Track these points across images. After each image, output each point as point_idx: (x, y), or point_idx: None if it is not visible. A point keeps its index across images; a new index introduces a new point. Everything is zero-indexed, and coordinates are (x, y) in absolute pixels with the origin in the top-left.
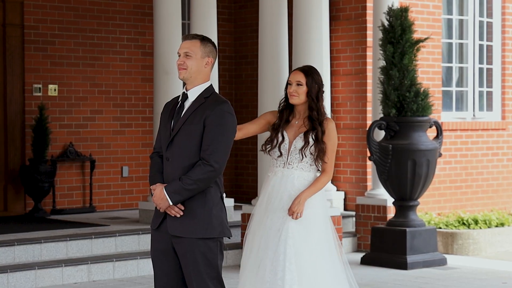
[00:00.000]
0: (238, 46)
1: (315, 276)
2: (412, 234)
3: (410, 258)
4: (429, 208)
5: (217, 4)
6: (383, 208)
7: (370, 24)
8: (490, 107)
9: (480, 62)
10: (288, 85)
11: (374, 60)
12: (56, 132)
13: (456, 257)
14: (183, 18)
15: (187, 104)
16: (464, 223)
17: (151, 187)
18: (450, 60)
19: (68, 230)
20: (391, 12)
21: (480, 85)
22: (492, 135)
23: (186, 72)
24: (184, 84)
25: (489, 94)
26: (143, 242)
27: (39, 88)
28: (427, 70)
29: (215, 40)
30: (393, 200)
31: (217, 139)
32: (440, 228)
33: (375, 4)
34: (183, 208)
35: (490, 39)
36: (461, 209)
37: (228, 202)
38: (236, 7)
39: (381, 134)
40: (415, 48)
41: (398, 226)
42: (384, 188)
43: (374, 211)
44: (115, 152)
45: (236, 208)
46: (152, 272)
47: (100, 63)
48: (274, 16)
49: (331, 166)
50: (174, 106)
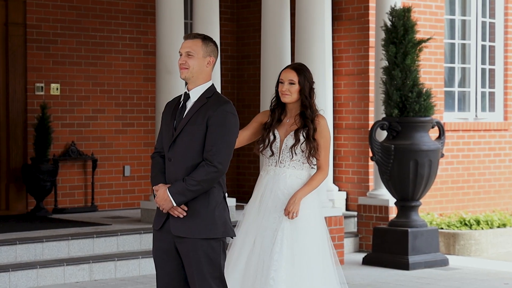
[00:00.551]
0: (240, 45)
1: (309, 276)
2: (414, 234)
3: (412, 259)
4: (431, 209)
5: (219, 4)
6: (385, 209)
7: (372, 24)
8: (492, 108)
9: (483, 62)
10: (279, 83)
11: (376, 60)
12: (58, 131)
13: (458, 257)
14: (185, 17)
15: (189, 104)
16: (466, 224)
17: (153, 187)
18: (452, 60)
19: (69, 229)
20: (393, 12)
21: (483, 85)
22: (494, 136)
23: (187, 72)
24: (186, 83)
25: (491, 94)
26: (145, 241)
27: (41, 87)
28: (430, 70)
29: (217, 39)
30: (395, 200)
31: (220, 139)
32: (442, 228)
33: (377, 4)
34: (186, 209)
35: (492, 39)
36: (463, 209)
37: (230, 202)
38: (239, 6)
39: (383, 134)
40: (418, 48)
41: (400, 226)
42: (386, 188)
43: (376, 212)
44: (117, 151)
45: (237, 207)
46: (153, 272)
47: (102, 62)
48: (277, 15)
49: (326, 163)
50: (176, 106)
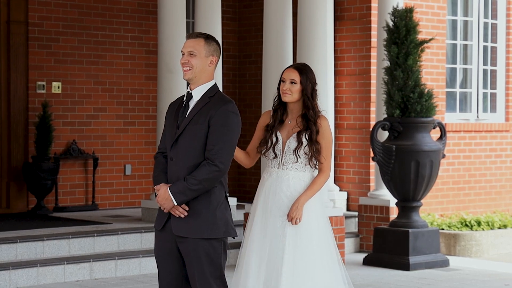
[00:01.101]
0: (242, 45)
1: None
2: (414, 235)
3: (413, 259)
4: (432, 209)
5: (221, 3)
6: (386, 209)
7: (374, 25)
8: (494, 109)
9: (484, 63)
10: (281, 82)
11: (378, 61)
12: (59, 129)
13: (458, 258)
14: (187, 16)
15: (191, 104)
16: (466, 225)
17: (155, 187)
18: (454, 61)
19: (70, 228)
20: (395, 12)
21: (484, 86)
22: (496, 137)
23: (190, 73)
24: (187, 82)
25: (493, 95)
26: (145, 240)
27: (43, 85)
28: (431, 71)
29: (219, 39)
30: (396, 200)
31: (222, 139)
32: (442, 229)
33: (380, 5)
34: (187, 208)
35: (494, 40)
36: (464, 210)
37: (231, 201)
38: (241, 6)
39: (384, 135)
40: (420, 49)
41: (400, 227)
42: (387, 188)
43: (377, 212)
44: (118, 150)
45: (238, 207)
46: (154, 271)
47: (104, 61)
48: (279, 15)
49: (328, 165)
50: (179, 106)
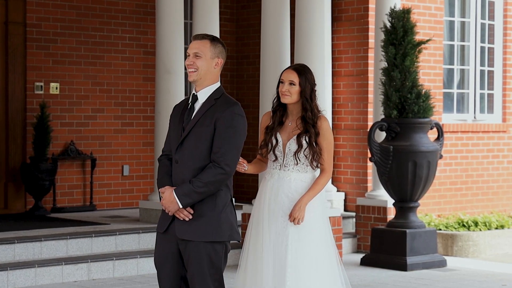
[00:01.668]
0: (240, 46)
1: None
2: (412, 235)
3: (410, 260)
4: (429, 210)
5: (219, 4)
6: (383, 209)
7: (372, 26)
8: (491, 109)
9: (482, 64)
10: (280, 83)
11: (375, 61)
12: (57, 130)
13: (455, 259)
14: (185, 17)
15: (197, 106)
16: (464, 225)
17: (159, 190)
18: (451, 62)
19: (68, 229)
20: (393, 13)
21: (481, 87)
22: (493, 137)
23: (196, 74)
24: (186, 83)
25: (490, 96)
26: (143, 241)
27: (41, 86)
28: (429, 71)
29: None
30: (393, 201)
31: (227, 141)
32: (440, 229)
33: (377, 6)
34: (192, 211)
35: (491, 41)
36: (461, 211)
37: None
38: (238, 7)
39: (382, 135)
40: (417, 49)
41: (398, 227)
42: (385, 189)
43: (374, 212)
44: (116, 150)
45: (236, 208)
46: (152, 271)
47: (102, 62)
48: (276, 16)
49: (329, 166)
50: (184, 108)
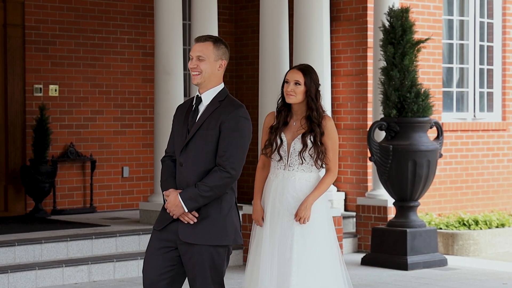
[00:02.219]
0: (239, 46)
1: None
2: (412, 234)
3: (411, 259)
4: (429, 209)
5: (218, 5)
6: (383, 209)
7: (370, 25)
8: (490, 108)
9: (481, 63)
10: (285, 83)
11: (374, 61)
12: (57, 132)
13: (456, 257)
14: (183, 18)
15: (201, 108)
16: (464, 224)
17: (164, 193)
18: (450, 61)
19: (68, 231)
20: (391, 12)
21: (481, 86)
22: (493, 136)
23: (200, 77)
24: (185, 84)
25: (489, 95)
26: (144, 242)
27: (40, 88)
28: (428, 71)
29: None
30: (393, 200)
31: (233, 145)
32: (440, 228)
33: (375, 5)
34: (197, 215)
35: (490, 40)
36: (461, 209)
37: None
38: (237, 7)
39: (381, 135)
40: (416, 48)
41: (398, 226)
42: (385, 188)
43: (375, 212)
44: (116, 152)
45: None
46: None
47: (101, 64)
48: (275, 16)
49: (335, 165)
50: (188, 109)
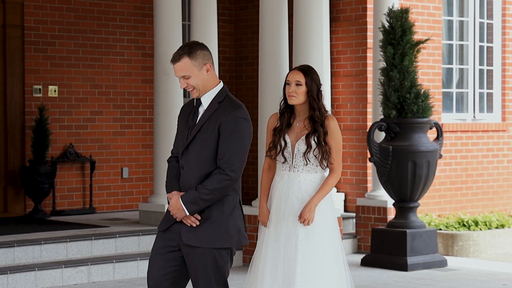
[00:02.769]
0: (239, 47)
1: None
2: (412, 235)
3: (410, 260)
4: (429, 210)
5: (217, 5)
6: (383, 210)
7: (370, 26)
8: (490, 109)
9: (481, 63)
10: (286, 84)
11: (374, 62)
12: (56, 133)
13: (456, 258)
14: (183, 19)
15: (201, 110)
16: (464, 225)
17: (167, 195)
18: (450, 61)
19: (68, 231)
20: (391, 13)
21: (481, 86)
22: (493, 137)
23: (197, 91)
24: None
25: (489, 95)
26: (143, 243)
27: (39, 89)
28: (428, 71)
29: (215, 41)
30: (393, 201)
31: (232, 147)
32: (440, 229)
33: (375, 6)
34: (199, 218)
35: (490, 40)
36: (461, 210)
37: None
38: (237, 8)
39: (381, 136)
40: (416, 49)
41: (398, 227)
42: (385, 189)
43: (375, 213)
44: (115, 153)
45: None
46: None
47: (100, 64)
48: (275, 17)
49: (339, 165)
50: (190, 111)
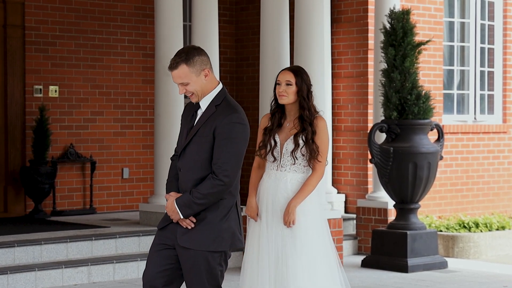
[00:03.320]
0: (239, 48)
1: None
2: (413, 237)
3: (411, 261)
4: (430, 211)
5: (218, 6)
6: (384, 211)
7: (371, 27)
8: (491, 110)
9: (482, 65)
10: (277, 84)
11: (375, 63)
12: (57, 133)
13: (456, 260)
14: (184, 19)
15: (199, 113)
16: (465, 226)
17: (164, 196)
18: (451, 63)
19: (68, 232)
20: (392, 14)
21: (482, 88)
22: (493, 138)
23: (195, 97)
24: None
25: (490, 97)
26: (144, 243)
27: (40, 89)
28: (429, 73)
29: (216, 42)
30: (394, 203)
31: (226, 152)
32: (440, 231)
33: (376, 7)
34: (194, 220)
35: (491, 42)
36: (462, 212)
37: None
38: (238, 9)
39: (382, 137)
40: (417, 50)
41: (399, 229)
42: (385, 190)
43: (375, 214)
44: (116, 153)
45: None
46: None
47: (101, 65)
48: (276, 18)
49: (321, 165)
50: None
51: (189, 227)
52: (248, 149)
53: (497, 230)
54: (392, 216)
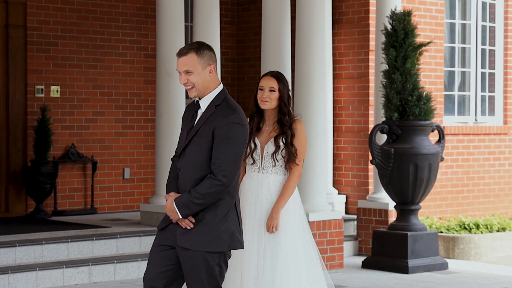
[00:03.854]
0: (241, 48)
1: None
2: (413, 238)
3: (411, 262)
4: (430, 212)
5: (220, 7)
6: (384, 212)
7: (372, 28)
8: (492, 112)
9: (483, 66)
10: (259, 90)
11: (376, 64)
12: (58, 133)
13: (457, 261)
14: (186, 20)
15: (199, 113)
16: (465, 228)
17: (164, 196)
18: (452, 64)
19: (69, 232)
20: (394, 16)
21: (482, 89)
22: (494, 140)
23: (195, 90)
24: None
25: (491, 98)
26: (144, 244)
27: (42, 89)
28: (430, 74)
29: (217, 42)
30: (394, 204)
31: (225, 152)
32: (441, 232)
33: (378, 8)
34: (193, 220)
35: (492, 43)
36: (462, 213)
37: None
38: (239, 9)
39: (383, 138)
40: (418, 52)
41: (399, 230)
42: (386, 192)
43: (376, 215)
44: (117, 153)
45: None
46: None
47: (103, 65)
48: (277, 19)
49: (299, 168)
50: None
51: (188, 227)
52: None
53: (497, 231)
54: (392, 217)
